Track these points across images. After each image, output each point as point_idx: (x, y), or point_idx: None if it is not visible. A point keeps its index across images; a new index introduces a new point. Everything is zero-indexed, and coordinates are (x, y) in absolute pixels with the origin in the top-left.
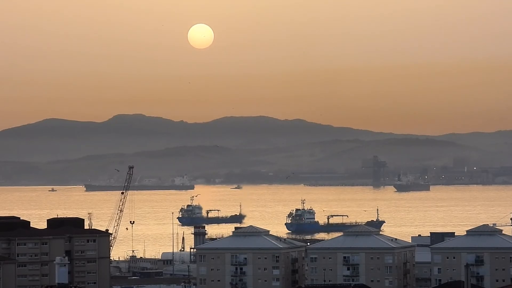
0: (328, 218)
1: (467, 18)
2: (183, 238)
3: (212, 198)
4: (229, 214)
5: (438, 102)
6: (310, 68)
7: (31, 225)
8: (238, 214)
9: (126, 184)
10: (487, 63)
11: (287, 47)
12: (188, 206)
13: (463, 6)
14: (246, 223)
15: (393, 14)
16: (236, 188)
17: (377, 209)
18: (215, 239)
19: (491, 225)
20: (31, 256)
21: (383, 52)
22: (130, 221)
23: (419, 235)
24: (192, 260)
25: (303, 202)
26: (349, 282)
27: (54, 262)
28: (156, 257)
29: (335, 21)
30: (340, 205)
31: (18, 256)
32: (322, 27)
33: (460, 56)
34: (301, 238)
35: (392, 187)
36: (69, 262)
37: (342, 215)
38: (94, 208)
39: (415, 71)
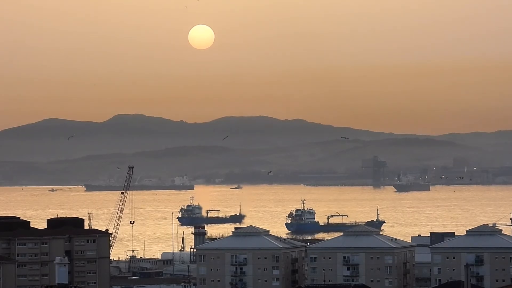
0: (328, 218)
1: (467, 17)
2: (183, 238)
3: (212, 198)
4: (229, 214)
5: (438, 102)
6: (310, 68)
7: (31, 225)
8: (238, 214)
9: (126, 184)
10: (488, 63)
11: (287, 47)
12: (188, 206)
13: (464, 5)
14: (246, 223)
15: (393, 13)
16: (236, 188)
17: (377, 209)
18: (215, 239)
19: (491, 225)
20: (31, 256)
21: (383, 52)
22: (130, 221)
23: (419, 235)
24: (192, 260)
25: (303, 202)
26: (349, 282)
27: (54, 262)
28: (156, 257)
29: (335, 21)
30: (340, 205)
31: (18, 256)
32: (322, 27)
33: (460, 56)
34: (301, 238)
35: (392, 187)
36: (69, 262)
37: (342, 215)
38: (94, 208)
39: (415, 71)
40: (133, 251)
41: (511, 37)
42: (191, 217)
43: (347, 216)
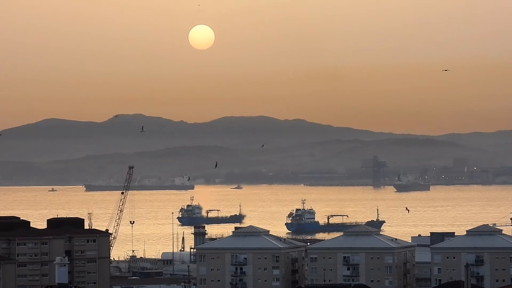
0: (328, 218)
1: (467, 17)
2: (183, 238)
3: (212, 198)
4: (229, 214)
5: (438, 102)
6: (310, 68)
7: (31, 225)
8: (238, 214)
9: (126, 184)
10: (488, 63)
11: (287, 47)
12: (188, 206)
13: (464, 5)
14: (246, 223)
15: (393, 13)
16: (236, 188)
17: (377, 209)
18: (215, 239)
19: (491, 225)
20: (31, 256)
21: (383, 52)
22: (130, 221)
23: (419, 235)
24: (192, 260)
25: (303, 202)
26: (349, 282)
27: (54, 262)
28: (156, 257)
29: (335, 21)
30: (340, 205)
31: (18, 256)
32: (321, 27)
33: (459, 56)
34: (301, 238)
35: (392, 187)
36: (69, 262)
37: (342, 215)
38: (94, 208)
39: (415, 71)
40: (133, 251)
41: (511, 37)
42: (191, 217)
43: (347, 216)
